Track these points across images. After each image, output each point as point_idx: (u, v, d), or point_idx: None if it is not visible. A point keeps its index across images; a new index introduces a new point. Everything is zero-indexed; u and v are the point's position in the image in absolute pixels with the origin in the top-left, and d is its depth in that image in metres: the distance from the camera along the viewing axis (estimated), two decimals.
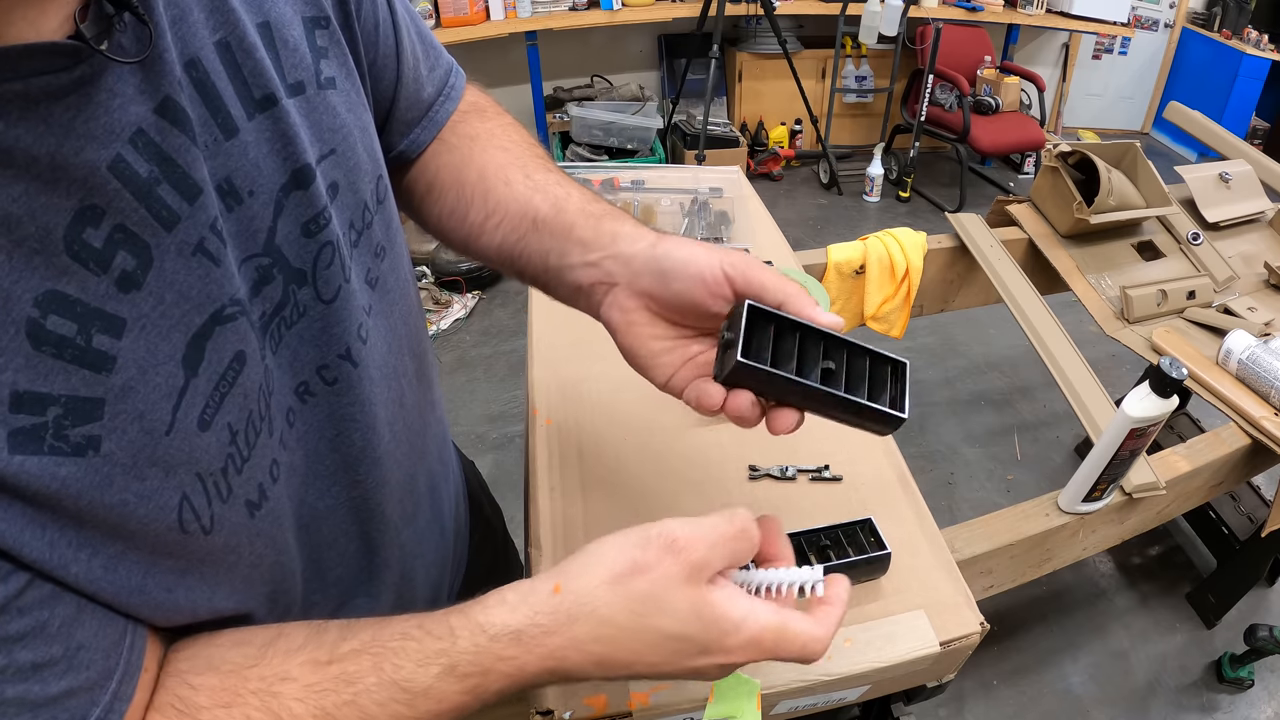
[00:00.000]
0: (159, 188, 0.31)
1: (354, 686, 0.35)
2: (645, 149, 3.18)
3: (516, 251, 0.53)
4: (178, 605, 0.35)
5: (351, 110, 0.44)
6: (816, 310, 0.43)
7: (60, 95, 0.27)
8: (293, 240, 0.39)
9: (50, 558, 0.29)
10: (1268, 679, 1.63)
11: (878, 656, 0.56)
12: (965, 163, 3.49)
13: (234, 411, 0.36)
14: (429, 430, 0.58)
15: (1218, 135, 1.83)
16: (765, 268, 0.45)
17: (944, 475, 2.10)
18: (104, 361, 0.30)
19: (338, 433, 0.46)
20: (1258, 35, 3.90)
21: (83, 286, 0.29)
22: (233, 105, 0.35)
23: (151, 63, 0.31)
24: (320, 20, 0.41)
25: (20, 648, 0.28)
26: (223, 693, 0.35)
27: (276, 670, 0.36)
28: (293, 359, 0.42)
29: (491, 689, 0.37)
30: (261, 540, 0.40)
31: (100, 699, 0.32)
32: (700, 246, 0.46)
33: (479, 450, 2.14)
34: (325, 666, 0.36)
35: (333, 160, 0.42)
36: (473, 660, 0.36)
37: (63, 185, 0.28)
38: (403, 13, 0.51)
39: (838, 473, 0.71)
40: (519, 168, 0.55)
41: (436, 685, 0.36)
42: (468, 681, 0.36)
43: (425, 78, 0.55)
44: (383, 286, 0.48)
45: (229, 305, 0.35)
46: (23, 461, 0.27)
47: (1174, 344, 1.30)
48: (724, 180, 1.23)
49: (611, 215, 0.50)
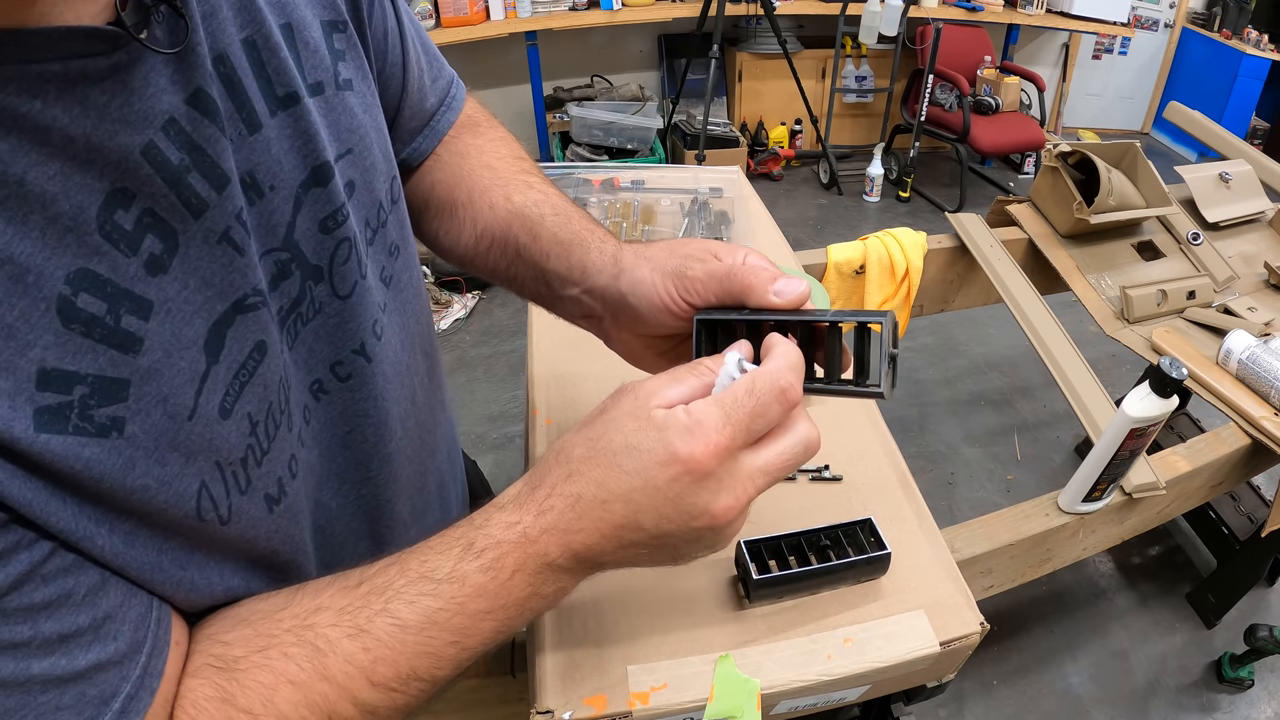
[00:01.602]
0: (189, 175, 0.32)
1: (384, 595, 0.36)
2: (645, 149, 3.18)
3: (509, 277, 0.55)
4: (193, 584, 0.35)
5: (368, 112, 0.45)
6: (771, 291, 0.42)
7: (97, 79, 0.28)
8: (310, 236, 0.40)
9: (76, 528, 0.29)
10: (1268, 679, 1.63)
11: (878, 656, 0.56)
12: (965, 163, 3.49)
13: (254, 401, 0.36)
14: (439, 429, 0.59)
15: (1218, 135, 1.83)
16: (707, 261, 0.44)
17: (944, 475, 2.10)
18: (132, 342, 0.30)
19: (350, 429, 0.46)
20: (1258, 35, 3.90)
21: (113, 267, 0.29)
22: (257, 101, 0.36)
23: (185, 55, 0.32)
24: (338, 24, 0.43)
25: (46, 618, 0.28)
26: (257, 638, 0.35)
27: (308, 605, 0.36)
28: (308, 355, 0.42)
29: (508, 565, 0.36)
30: (279, 537, 0.40)
31: (130, 673, 0.31)
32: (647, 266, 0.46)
33: (479, 450, 2.14)
34: (355, 589, 0.37)
35: (350, 159, 0.43)
36: (486, 533, 0.36)
37: (97, 166, 0.28)
38: (409, 23, 0.52)
39: (838, 473, 0.71)
40: (501, 189, 0.56)
41: (458, 567, 0.36)
42: (485, 557, 0.36)
43: (429, 88, 0.56)
44: (397, 284, 0.49)
45: (251, 295, 0.36)
46: (48, 440, 0.27)
47: (1174, 344, 1.30)
48: (724, 180, 1.23)
49: (579, 242, 0.51)
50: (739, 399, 0.36)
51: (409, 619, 0.35)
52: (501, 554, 0.36)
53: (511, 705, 0.71)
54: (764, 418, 0.37)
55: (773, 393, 0.37)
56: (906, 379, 2.48)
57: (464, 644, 0.37)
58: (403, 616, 0.35)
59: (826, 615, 0.59)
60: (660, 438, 0.35)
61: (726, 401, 0.36)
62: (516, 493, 0.38)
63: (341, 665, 0.35)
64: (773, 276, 0.42)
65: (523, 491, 0.38)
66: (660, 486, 0.35)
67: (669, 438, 0.35)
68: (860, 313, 0.41)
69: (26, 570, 0.27)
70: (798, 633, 0.58)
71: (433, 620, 0.35)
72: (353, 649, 0.35)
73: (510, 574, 0.36)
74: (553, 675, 0.53)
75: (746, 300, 0.42)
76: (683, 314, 0.45)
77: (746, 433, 0.36)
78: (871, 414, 0.77)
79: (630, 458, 0.36)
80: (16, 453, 0.26)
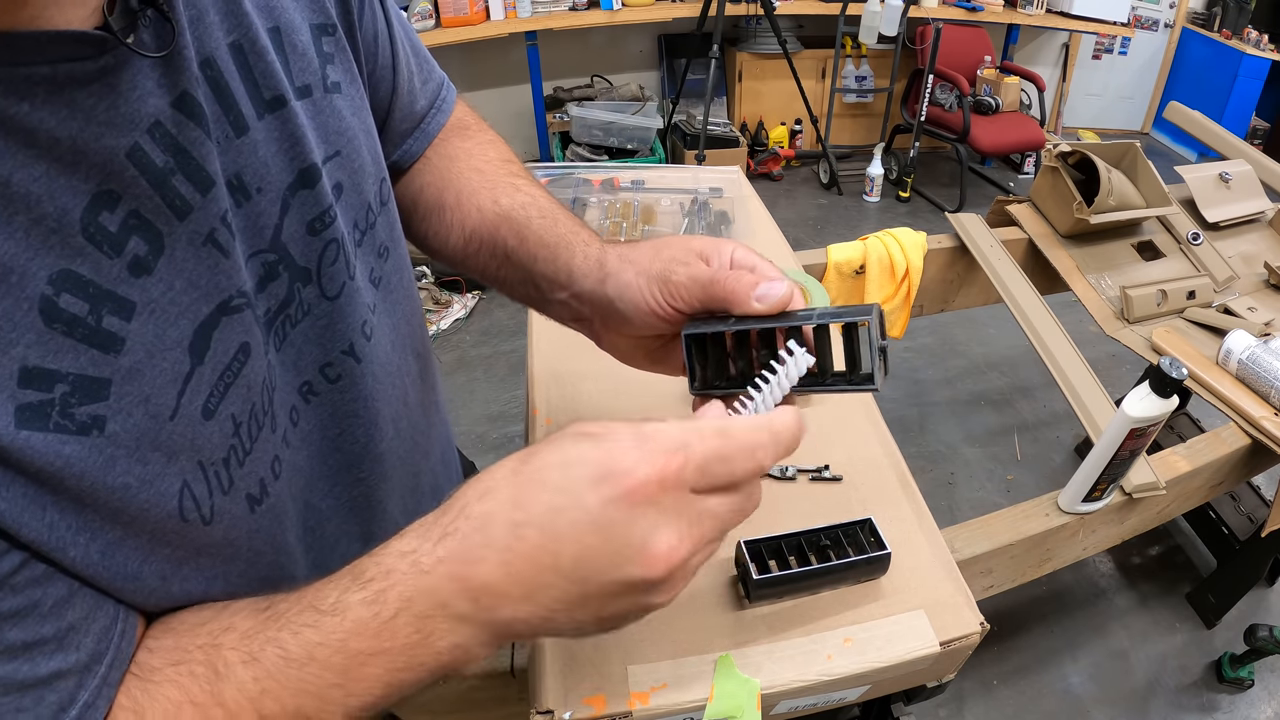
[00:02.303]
0: (174, 178, 0.32)
1: (279, 621, 0.34)
2: (645, 149, 3.18)
3: (499, 278, 0.55)
4: (171, 594, 0.36)
5: (356, 114, 0.45)
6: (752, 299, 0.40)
7: (85, 82, 0.28)
8: (298, 238, 0.40)
9: (48, 539, 0.29)
10: (1268, 679, 1.63)
11: (878, 656, 0.56)
12: (965, 163, 3.49)
13: (237, 403, 0.36)
14: (433, 430, 0.59)
15: (1218, 135, 1.83)
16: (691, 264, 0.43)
17: (944, 475, 2.10)
18: (113, 342, 0.30)
19: (340, 430, 0.46)
20: (1258, 35, 3.90)
21: (96, 268, 0.29)
22: (244, 104, 0.36)
23: (172, 59, 0.32)
24: (327, 27, 0.43)
25: (11, 626, 0.28)
26: (174, 651, 0.35)
27: (224, 623, 0.35)
28: (297, 357, 0.42)
29: (391, 600, 0.31)
30: (261, 537, 0.40)
31: (89, 682, 0.32)
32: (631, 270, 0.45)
33: (479, 450, 2.14)
34: (262, 611, 0.35)
35: (338, 161, 0.43)
36: (377, 561, 0.33)
37: (82, 168, 0.29)
38: (399, 26, 0.52)
39: (838, 473, 0.71)
40: (489, 192, 0.56)
41: (342, 598, 0.32)
42: (369, 589, 0.32)
43: (419, 90, 0.56)
44: (386, 286, 0.49)
45: (236, 297, 0.36)
46: (28, 437, 0.27)
47: (1174, 344, 1.30)
48: (724, 180, 1.23)
49: (565, 245, 0.50)
50: (705, 434, 0.32)
51: (293, 651, 0.32)
52: (386, 586, 0.32)
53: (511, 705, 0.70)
54: (726, 466, 0.32)
55: (745, 449, 0.33)
56: (907, 379, 2.48)
57: (349, 689, 0.32)
58: (288, 647, 0.32)
59: (826, 615, 0.59)
60: (598, 448, 0.30)
61: (690, 430, 0.32)
62: (421, 520, 0.33)
63: (234, 693, 0.33)
64: (754, 282, 0.40)
65: (431, 515, 0.33)
66: (589, 508, 0.30)
67: (609, 449, 0.30)
68: (845, 310, 0.39)
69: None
70: (798, 633, 0.58)
71: (312, 656, 0.32)
72: (245, 677, 0.33)
73: (394, 612, 0.31)
74: (552, 675, 0.53)
75: (730, 310, 0.42)
76: (669, 318, 0.45)
77: (700, 472, 0.31)
78: (871, 414, 0.77)
79: (559, 472, 0.31)
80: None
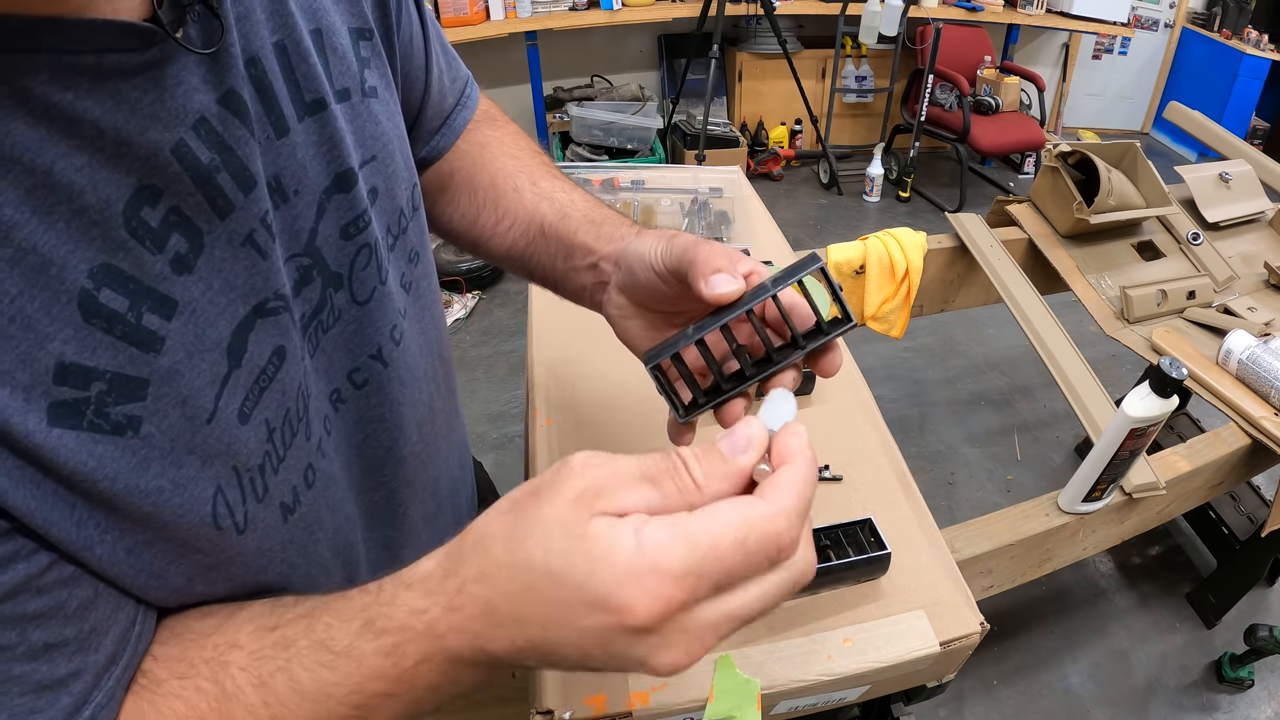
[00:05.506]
0: (218, 176, 0.32)
1: (288, 650, 0.33)
2: (645, 149, 3.18)
3: (526, 255, 0.56)
4: (195, 594, 0.35)
5: (391, 119, 0.45)
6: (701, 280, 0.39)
7: (130, 74, 0.28)
8: (332, 243, 0.40)
9: (76, 538, 0.29)
10: (1268, 679, 1.63)
11: (878, 656, 0.56)
12: (965, 163, 3.49)
13: (272, 408, 0.36)
14: (454, 434, 0.60)
15: (1218, 135, 1.83)
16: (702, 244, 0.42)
17: (944, 475, 2.10)
18: (153, 341, 0.30)
19: (365, 436, 0.46)
20: (1258, 35, 3.90)
21: (138, 264, 0.29)
22: (286, 105, 0.36)
23: (219, 55, 0.32)
24: (365, 32, 0.43)
25: (35, 627, 0.28)
26: (180, 663, 0.34)
27: (230, 638, 0.34)
28: (328, 364, 0.42)
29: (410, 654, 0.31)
30: (294, 548, 0.40)
31: (104, 683, 0.31)
32: (652, 236, 0.45)
33: (479, 450, 2.14)
34: (270, 632, 0.34)
35: (373, 166, 0.43)
36: (389, 615, 0.32)
37: (125, 162, 0.28)
38: (432, 27, 0.53)
39: (838, 473, 0.71)
40: (526, 175, 0.57)
41: (355, 644, 0.32)
42: (384, 640, 0.32)
43: (448, 88, 0.57)
44: (416, 291, 0.49)
45: (273, 299, 0.35)
46: (61, 435, 0.27)
47: (1174, 344, 1.30)
48: (724, 180, 1.23)
49: (612, 220, 0.52)
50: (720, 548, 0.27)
51: (306, 686, 0.32)
52: (403, 641, 0.31)
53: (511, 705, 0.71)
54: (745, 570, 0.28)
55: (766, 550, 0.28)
56: (907, 379, 2.48)
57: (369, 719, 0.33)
58: (300, 681, 0.33)
59: (826, 615, 0.59)
60: (591, 573, 0.27)
61: (702, 544, 0.27)
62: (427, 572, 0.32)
63: (244, 715, 0.33)
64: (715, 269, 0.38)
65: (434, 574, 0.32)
66: (586, 630, 0.28)
67: (603, 576, 0.27)
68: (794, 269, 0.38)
69: (23, 580, 0.27)
70: (798, 633, 0.58)
71: (328, 694, 0.32)
72: (255, 701, 0.33)
73: (414, 663, 0.32)
74: (553, 674, 0.54)
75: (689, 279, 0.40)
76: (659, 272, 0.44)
77: (713, 587, 0.28)
78: (871, 414, 0.77)
79: (552, 586, 0.28)
80: (26, 449, 0.26)
